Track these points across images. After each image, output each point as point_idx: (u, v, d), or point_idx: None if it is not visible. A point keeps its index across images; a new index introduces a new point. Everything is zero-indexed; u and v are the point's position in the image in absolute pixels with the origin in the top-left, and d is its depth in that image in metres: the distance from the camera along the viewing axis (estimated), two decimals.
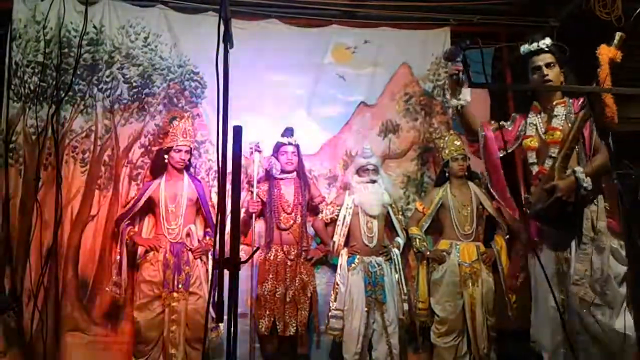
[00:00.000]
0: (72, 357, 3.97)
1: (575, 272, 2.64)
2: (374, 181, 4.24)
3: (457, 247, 4.18)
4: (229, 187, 1.84)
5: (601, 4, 4.21)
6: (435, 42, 4.80)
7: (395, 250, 4.23)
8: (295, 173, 4.30)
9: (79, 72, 4.27)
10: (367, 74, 4.76)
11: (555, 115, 2.83)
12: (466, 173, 4.36)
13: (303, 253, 4.18)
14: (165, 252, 3.91)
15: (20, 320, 3.90)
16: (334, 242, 4.18)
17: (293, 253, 4.14)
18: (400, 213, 4.45)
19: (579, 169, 2.59)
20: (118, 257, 3.96)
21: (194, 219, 4.11)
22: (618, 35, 2.55)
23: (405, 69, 4.78)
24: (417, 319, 4.24)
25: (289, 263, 4.11)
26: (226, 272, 1.78)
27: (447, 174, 4.36)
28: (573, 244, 2.73)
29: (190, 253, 3.96)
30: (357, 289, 4.06)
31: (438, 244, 4.32)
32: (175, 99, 4.45)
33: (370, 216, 4.20)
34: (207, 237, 4.08)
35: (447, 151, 4.36)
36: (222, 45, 1.89)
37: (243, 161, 4.05)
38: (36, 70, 4.25)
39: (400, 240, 4.30)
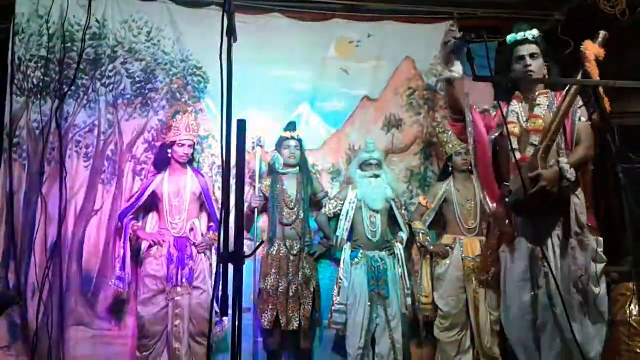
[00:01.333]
0: (76, 352, 3.99)
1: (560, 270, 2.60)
2: (377, 176, 4.23)
3: (461, 241, 4.18)
4: (232, 182, 1.84)
5: None
6: (438, 36, 4.77)
7: (399, 245, 4.23)
8: (298, 168, 4.30)
9: (82, 67, 4.26)
10: (370, 68, 4.75)
11: (538, 105, 2.80)
12: (470, 167, 4.35)
13: (306, 248, 4.18)
14: (169, 247, 3.92)
15: (25, 315, 3.91)
16: (337, 237, 4.19)
17: (296, 248, 4.14)
18: (404, 208, 4.44)
19: (563, 159, 2.57)
20: (122, 252, 3.96)
21: (197, 213, 4.12)
22: (602, 34, 2.55)
23: (408, 63, 4.76)
24: (421, 314, 4.24)
25: (291, 258, 4.12)
26: (230, 267, 1.78)
27: (450, 169, 4.36)
28: (550, 240, 2.67)
29: (194, 247, 3.97)
30: (360, 283, 4.07)
31: (441, 238, 4.32)
32: (178, 94, 4.45)
33: (374, 211, 4.20)
34: (211, 232, 4.08)
35: (450, 145, 4.35)
36: (225, 40, 1.89)
37: (246, 156, 4.05)
38: (39, 65, 4.24)
39: (404, 234, 4.30)
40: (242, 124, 1.79)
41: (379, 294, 4.05)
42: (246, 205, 4.12)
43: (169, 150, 4.05)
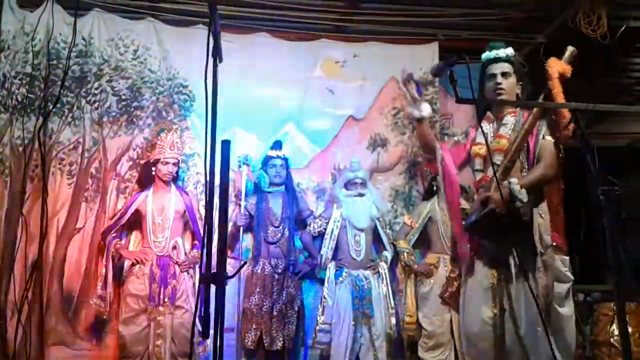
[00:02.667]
0: None
1: (525, 291, 2.51)
2: (362, 195, 4.25)
3: (445, 260, 4.19)
4: (216, 200, 1.84)
5: (587, 21, 4.27)
6: (423, 57, 4.83)
7: (383, 264, 4.24)
8: (283, 186, 4.31)
9: (67, 84, 4.24)
10: (355, 87, 4.79)
11: (504, 124, 2.78)
12: None
13: (290, 267, 4.17)
14: (152, 266, 3.88)
15: (4, 334, 3.84)
16: (322, 256, 4.18)
17: (281, 267, 4.13)
18: (388, 227, 4.46)
19: (514, 180, 2.51)
20: (104, 270, 3.93)
21: (181, 232, 4.10)
22: (569, 49, 2.52)
23: (393, 83, 4.81)
24: (405, 333, 4.23)
25: (276, 277, 4.10)
26: (212, 287, 1.77)
27: (435, 188, 4.38)
28: (511, 260, 2.62)
29: (176, 266, 3.94)
30: (345, 302, 4.06)
31: (426, 257, 4.33)
32: (164, 112, 4.44)
33: (358, 230, 4.21)
34: (195, 250, 4.05)
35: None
36: (211, 60, 1.90)
37: (231, 174, 4.05)
38: (24, 82, 4.22)
39: (388, 254, 4.31)
40: (226, 145, 1.80)
41: (363, 313, 4.05)
42: (231, 223, 4.11)
43: (153, 168, 4.04)
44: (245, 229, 4.23)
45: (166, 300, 3.83)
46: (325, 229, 4.25)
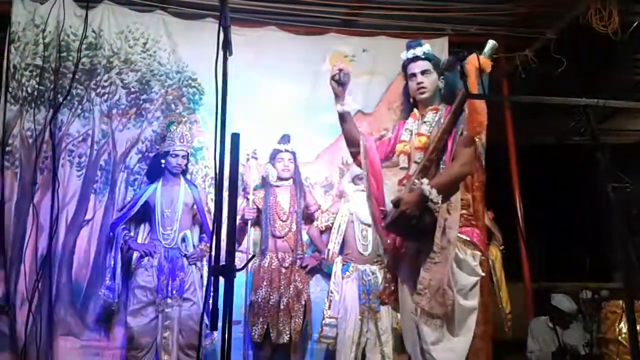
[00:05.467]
0: None
1: (419, 281, 2.46)
2: None
3: None
4: (225, 194, 1.85)
5: (598, 17, 4.25)
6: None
7: None
8: (291, 180, 4.31)
9: (77, 77, 4.27)
10: (364, 82, 4.78)
11: (425, 122, 2.73)
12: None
13: (298, 261, 4.17)
14: (160, 258, 3.90)
15: (14, 325, 3.88)
16: (329, 250, 4.18)
17: (288, 260, 4.14)
18: None
19: (425, 180, 2.45)
20: (112, 262, 3.95)
21: (189, 224, 4.11)
22: (490, 43, 2.45)
23: (402, 78, 4.76)
24: None
25: (283, 270, 4.11)
26: (221, 279, 1.78)
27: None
28: None
29: (185, 259, 3.96)
30: (351, 297, 4.06)
31: None
32: (173, 105, 4.46)
33: (365, 224, 4.20)
34: (203, 243, 4.07)
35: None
36: (221, 53, 1.90)
37: (240, 168, 4.06)
38: (34, 74, 4.24)
39: None
40: (235, 138, 1.80)
41: (369, 308, 4.05)
42: (239, 217, 4.12)
43: (162, 161, 4.05)
44: (252, 223, 4.23)
45: (174, 292, 3.84)
46: (332, 224, 4.25)
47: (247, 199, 4.23)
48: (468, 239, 2.56)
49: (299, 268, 4.18)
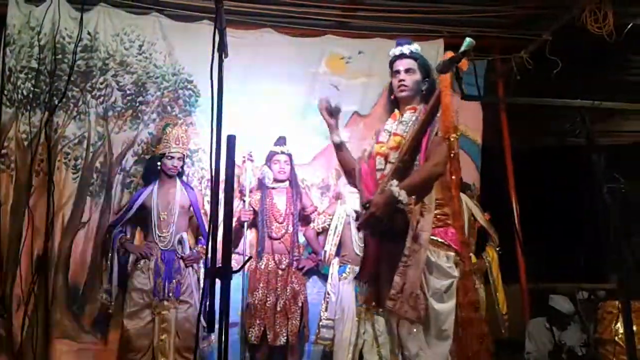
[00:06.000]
0: None
1: (393, 286, 2.40)
2: None
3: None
4: (221, 196, 1.85)
5: (593, 18, 4.26)
6: (428, 54, 4.80)
7: None
8: (287, 182, 4.31)
9: (72, 79, 4.25)
10: (360, 84, 4.79)
11: (402, 122, 2.71)
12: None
13: (294, 262, 4.17)
14: (157, 260, 3.90)
15: (10, 328, 3.86)
16: (326, 252, 4.18)
17: (284, 262, 4.14)
18: None
19: (394, 182, 2.42)
20: (109, 265, 3.94)
21: (185, 226, 4.10)
22: (467, 41, 2.37)
23: None
24: None
25: (280, 272, 4.11)
26: (217, 281, 1.78)
27: None
28: None
29: (181, 261, 3.95)
30: (348, 298, 4.06)
31: None
32: (169, 108, 4.45)
33: None
34: (199, 245, 4.07)
35: None
36: (216, 55, 1.90)
37: (236, 170, 4.05)
38: (30, 76, 4.23)
39: None
40: (231, 140, 1.81)
41: (367, 310, 4.05)
42: (235, 219, 4.12)
43: (158, 163, 4.04)
44: (249, 225, 4.23)
45: (170, 294, 3.84)
46: (329, 225, 4.25)
47: (244, 201, 4.22)
48: (441, 240, 2.54)
49: (296, 270, 4.18)
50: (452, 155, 2.58)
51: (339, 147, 2.85)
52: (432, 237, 2.47)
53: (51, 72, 4.23)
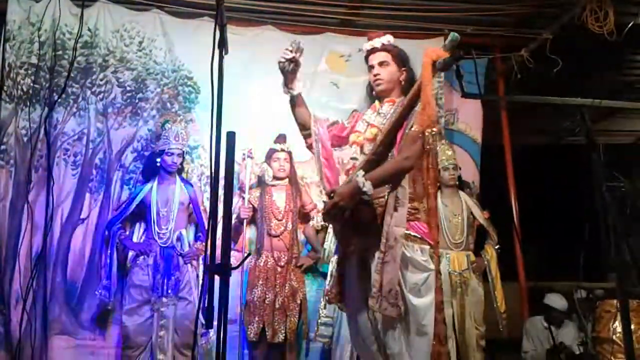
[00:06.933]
0: None
1: (372, 284, 2.38)
2: None
3: (448, 256, 4.20)
4: (221, 192, 1.85)
5: (594, 17, 4.26)
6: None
7: None
8: (287, 180, 4.30)
9: (72, 75, 4.25)
10: (360, 82, 4.73)
11: (380, 113, 2.68)
12: (457, 182, 4.38)
13: (293, 260, 4.17)
14: (156, 257, 3.90)
15: (8, 323, 3.86)
16: (325, 250, 4.18)
17: (283, 260, 4.13)
18: None
19: (360, 172, 2.38)
20: (108, 261, 3.94)
21: (185, 223, 4.10)
22: (450, 36, 2.36)
23: None
24: None
25: (279, 269, 4.11)
26: (216, 278, 1.78)
27: (438, 183, 4.38)
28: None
29: (180, 258, 3.95)
30: None
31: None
32: (168, 104, 4.45)
33: None
34: (198, 242, 4.07)
35: (438, 160, 4.38)
36: (217, 52, 1.90)
37: (235, 167, 4.05)
38: (29, 72, 4.23)
39: None
40: (231, 136, 1.81)
41: None
42: (234, 216, 4.11)
43: (158, 159, 4.04)
44: (248, 222, 4.23)
45: (169, 291, 3.84)
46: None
47: (243, 198, 4.22)
48: (414, 233, 2.50)
49: (295, 267, 4.18)
50: (427, 149, 2.52)
51: (295, 100, 2.82)
52: (406, 232, 2.44)
53: (51, 68, 4.23)
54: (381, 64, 2.71)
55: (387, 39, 2.76)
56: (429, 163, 2.62)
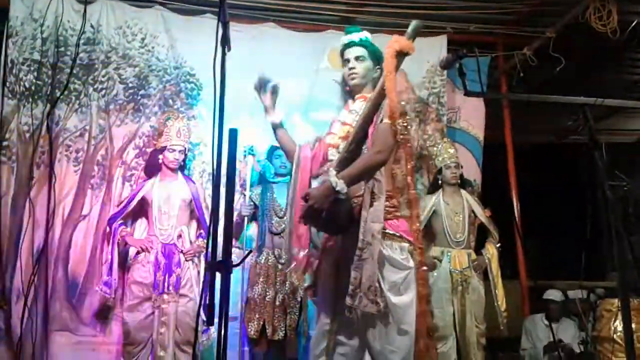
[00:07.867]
0: (60, 357, 3.94)
1: (351, 282, 2.32)
2: None
3: (449, 254, 4.20)
4: (222, 189, 1.85)
5: (597, 16, 4.25)
6: (431, 50, 4.81)
7: None
8: (289, 177, 4.29)
9: (75, 71, 4.26)
10: None
11: (351, 111, 2.65)
12: (459, 181, 4.38)
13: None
14: (157, 254, 3.89)
15: (9, 319, 3.87)
16: None
17: (284, 257, 4.13)
18: None
19: (332, 172, 2.34)
20: (109, 257, 3.93)
21: (186, 220, 4.10)
22: (412, 24, 2.35)
23: (400, 75, 4.76)
24: None
25: (279, 267, 4.11)
26: (217, 275, 1.78)
27: (440, 182, 4.38)
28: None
29: (181, 255, 3.95)
30: None
31: (429, 250, 4.33)
32: (170, 101, 4.45)
33: None
34: (200, 239, 4.07)
35: (440, 158, 4.38)
36: (219, 48, 1.90)
37: (237, 164, 4.05)
38: (32, 68, 4.22)
39: None
40: (233, 133, 1.80)
41: None
42: (236, 213, 4.11)
43: (160, 156, 4.04)
44: (249, 219, 4.23)
45: (170, 288, 3.84)
46: None
47: (244, 195, 4.22)
48: (392, 231, 2.47)
49: None
50: (401, 140, 2.48)
51: (277, 128, 2.84)
52: (383, 230, 2.41)
53: (53, 65, 4.23)
54: (357, 58, 2.68)
55: (365, 34, 2.74)
56: (404, 153, 2.58)
